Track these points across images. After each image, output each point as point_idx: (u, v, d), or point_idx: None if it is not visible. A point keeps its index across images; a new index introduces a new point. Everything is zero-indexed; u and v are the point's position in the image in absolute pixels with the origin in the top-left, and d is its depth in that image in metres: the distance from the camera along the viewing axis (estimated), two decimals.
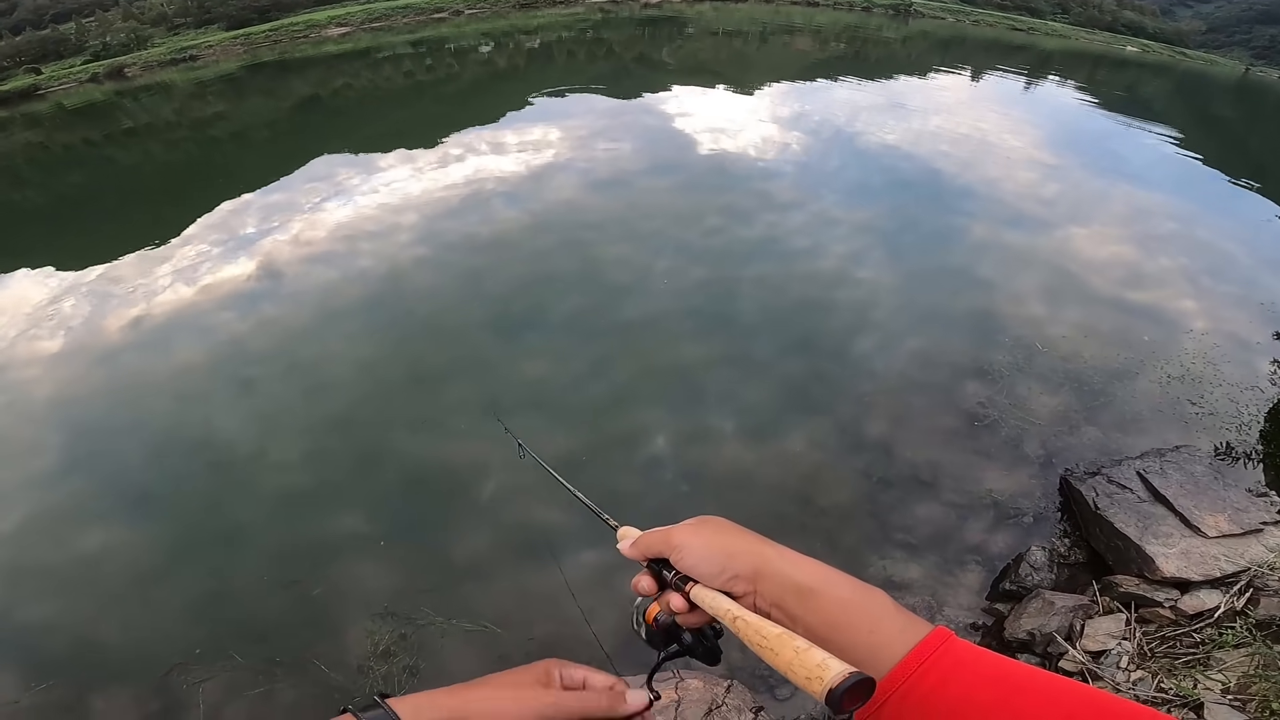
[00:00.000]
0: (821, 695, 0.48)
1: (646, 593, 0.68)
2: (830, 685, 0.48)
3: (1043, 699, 0.48)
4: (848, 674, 0.48)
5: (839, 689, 0.47)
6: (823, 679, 0.48)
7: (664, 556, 0.67)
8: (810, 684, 0.49)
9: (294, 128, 16.31)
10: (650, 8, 36.81)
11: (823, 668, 0.49)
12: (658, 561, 0.68)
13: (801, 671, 0.50)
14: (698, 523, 0.68)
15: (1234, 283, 6.61)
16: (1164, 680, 2.45)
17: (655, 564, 0.68)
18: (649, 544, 0.69)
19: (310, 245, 7.45)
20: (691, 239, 7.07)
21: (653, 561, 0.68)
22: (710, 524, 0.68)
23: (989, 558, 3.53)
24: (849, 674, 0.48)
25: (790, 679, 0.52)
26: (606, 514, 0.84)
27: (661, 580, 0.67)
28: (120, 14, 37.18)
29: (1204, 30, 67.41)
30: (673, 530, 0.67)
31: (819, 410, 4.59)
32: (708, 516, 0.69)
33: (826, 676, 0.48)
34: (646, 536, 0.70)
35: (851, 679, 0.47)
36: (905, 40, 32.76)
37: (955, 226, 7.59)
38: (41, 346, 6.07)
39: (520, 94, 15.44)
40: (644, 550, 0.69)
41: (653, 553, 0.68)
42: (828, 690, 0.48)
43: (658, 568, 0.67)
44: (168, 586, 3.55)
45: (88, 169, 15.00)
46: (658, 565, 0.68)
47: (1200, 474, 3.56)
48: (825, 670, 0.49)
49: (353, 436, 4.48)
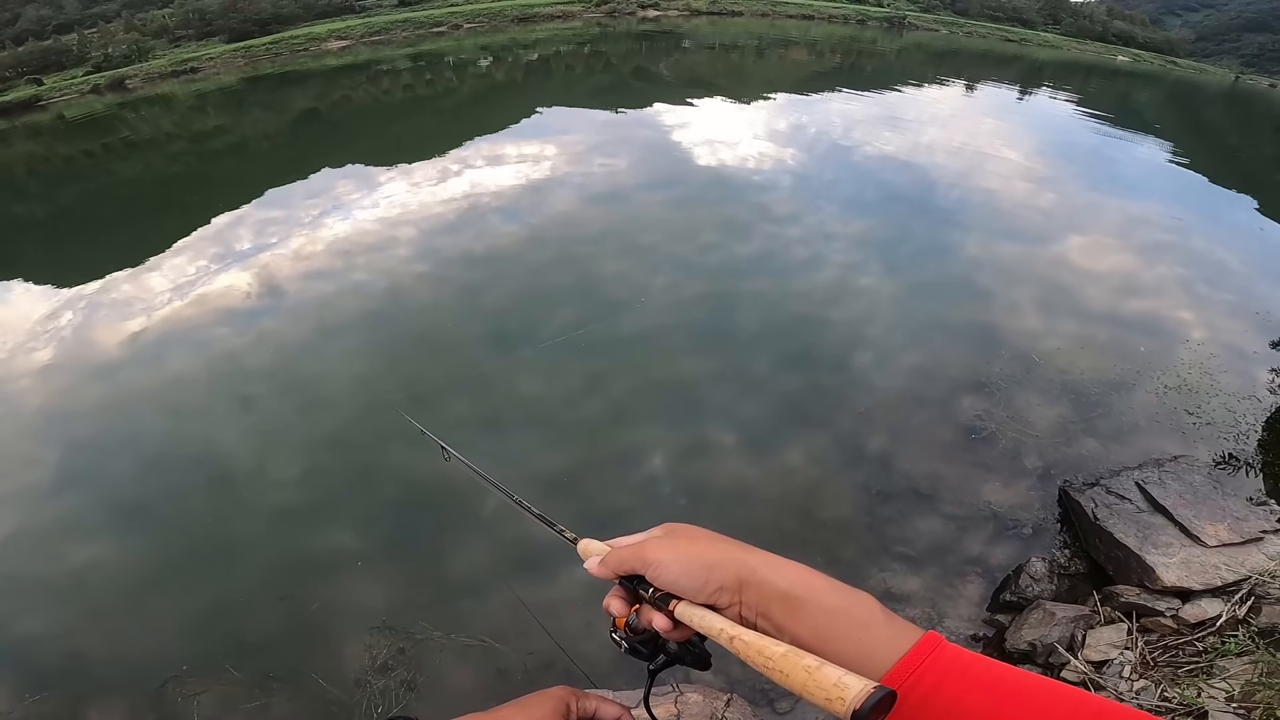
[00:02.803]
0: (846, 715, 0.46)
1: (618, 614, 0.65)
2: (854, 706, 0.46)
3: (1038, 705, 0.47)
4: (870, 690, 0.46)
5: (864, 708, 0.46)
6: (844, 699, 0.47)
7: (638, 573, 0.63)
8: (831, 704, 0.47)
9: (293, 141, 16.40)
10: (647, 22, 37.20)
11: (841, 686, 0.47)
12: (631, 578, 0.64)
13: (820, 694, 0.48)
14: (667, 532, 0.65)
15: (1229, 292, 6.64)
16: (1167, 689, 2.44)
17: (629, 581, 0.64)
18: (620, 560, 0.65)
19: (308, 260, 7.46)
20: (688, 253, 7.10)
21: (625, 579, 0.64)
22: (682, 534, 0.64)
23: (989, 569, 3.52)
24: (872, 690, 0.46)
25: (807, 700, 0.50)
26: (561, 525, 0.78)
27: (636, 597, 0.64)
28: (122, 26, 37.50)
29: (1193, 39, 68.30)
30: (645, 545, 0.64)
31: (817, 424, 4.59)
32: (676, 525, 0.66)
33: (848, 696, 0.47)
34: (617, 553, 0.66)
35: (876, 695, 0.46)
36: (899, 53, 33.14)
37: (951, 239, 7.64)
38: (37, 359, 6.07)
39: (518, 107, 15.57)
40: (615, 568, 0.65)
41: (625, 569, 0.64)
42: (852, 711, 0.46)
43: (632, 585, 0.64)
44: (163, 600, 3.52)
45: (88, 181, 15.04)
46: (631, 582, 0.64)
47: (1199, 484, 3.56)
48: (845, 690, 0.47)
49: (349, 452, 4.46)
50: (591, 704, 0.64)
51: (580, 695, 0.63)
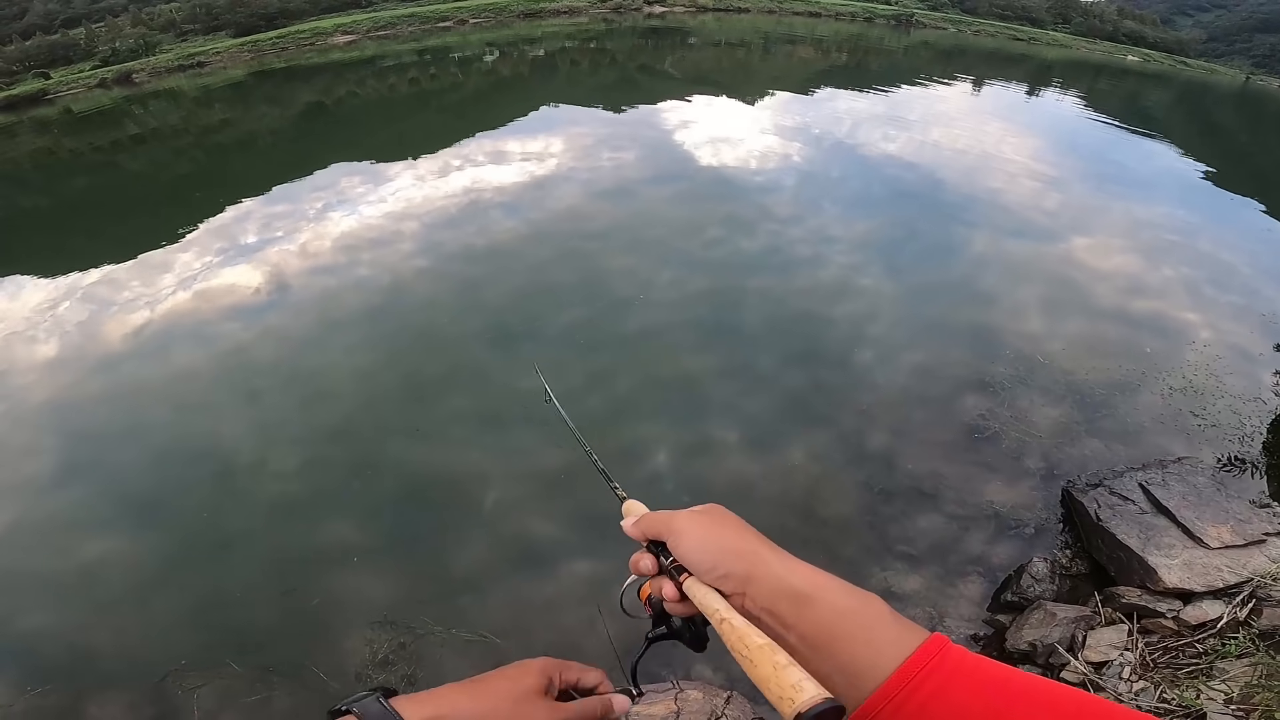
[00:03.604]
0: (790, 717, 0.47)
1: (645, 572, 0.67)
2: (800, 709, 0.47)
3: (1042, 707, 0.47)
4: (820, 699, 0.47)
5: (807, 714, 0.46)
6: (794, 700, 0.48)
7: (663, 540, 0.66)
8: (781, 704, 0.49)
9: (299, 135, 16.43)
10: (653, 18, 37.12)
11: (796, 689, 0.48)
12: (656, 544, 0.67)
13: (775, 690, 0.50)
14: (702, 511, 0.67)
15: (1236, 294, 6.60)
16: (1166, 691, 2.44)
17: (654, 546, 0.67)
18: (650, 524, 0.68)
19: (314, 254, 7.48)
20: (693, 250, 7.09)
21: (652, 543, 0.68)
22: (714, 515, 0.67)
23: (990, 569, 3.52)
24: (822, 699, 0.47)
25: (764, 694, 0.51)
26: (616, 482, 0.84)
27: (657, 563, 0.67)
28: (130, 20, 37.59)
29: (1204, 39, 67.70)
30: (676, 515, 0.67)
31: (821, 422, 4.59)
32: (715, 506, 0.68)
33: (799, 699, 0.47)
34: (649, 517, 0.69)
35: (823, 705, 0.46)
36: (907, 51, 32.97)
37: (956, 238, 7.61)
38: (42, 352, 6.10)
39: (524, 103, 15.56)
40: (645, 530, 0.68)
41: (653, 534, 0.67)
42: (796, 714, 0.47)
43: (656, 550, 0.67)
44: (164, 593, 3.54)
45: (95, 174, 15.11)
46: (656, 548, 0.67)
47: (1203, 485, 3.54)
48: (798, 692, 0.48)
49: (351, 446, 4.48)
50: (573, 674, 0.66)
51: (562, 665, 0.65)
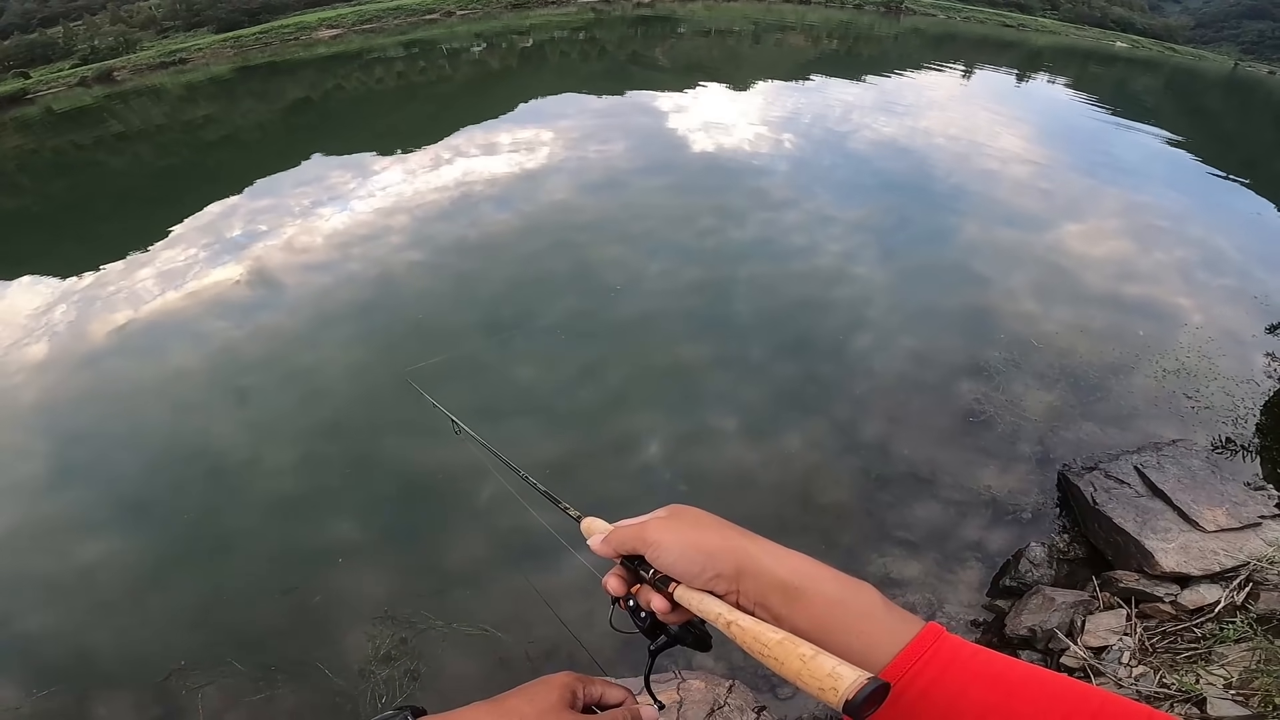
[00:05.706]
0: (839, 705, 0.46)
1: (616, 593, 0.65)
2: (847, 695, 0.46)
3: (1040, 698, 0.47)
4: (864, 681, 0.46)
5: (857, 699, 0.45)
6: (837, 689, 0.47)
7: (639, 554, 0.63)
8: (825, 694, 0.47)
9: (285, 130, 16.22)
10: (642, 7, 36.82)
11: (834, 677, 0.47)
12: (632, 558, 0.64)
13: (813, 684, 0.49)
14: (671, 515, 0.65)
15: (1228, 277, 6.64)
16: (1166, 675, 2.46)
17: (630, 560, 0.65)
18: (622, 540, 0.65)
19: (302, 249, 7.40)
20: (685, 239, 7.06)
21: (626, 558, 0.65)
22: (685, 516, 0.64)
23: (988, 554, 3.53)
24: (865, 681, 0.46)
25: (801, 688, 0.50)
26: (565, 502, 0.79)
27: (637, 577, 0.64)
28: (108, 17, 36.93)
29: (1192, 25, 67.90)
30: (646, 525, 0.64)
31: (816, 410, 4.59)
32: (680, 506, 0.66)
33: (841, 686, 0.46)
34: (618, 532, 0.66)
35: (869, 686, 0.46)
36: (897, 37, 32.88)
37: (949, 224, 7.61)
38: (32, 354, 6.01)
39: (513, 94, 15.41)
40: (617, 547, 0.65)
41: (626, 549, 0.64)
42: (844, 701, 0.46)
43: (633, 565, 0.64)
44: (165, 594, 3.52)
45: (77, 173, 14.87)
46: (632, 562, 0.64)
47: (1198, 468, 3.57)
48: (838, 680, 0.47)
49: (347, 443, 4.45)
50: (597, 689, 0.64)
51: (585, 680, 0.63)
